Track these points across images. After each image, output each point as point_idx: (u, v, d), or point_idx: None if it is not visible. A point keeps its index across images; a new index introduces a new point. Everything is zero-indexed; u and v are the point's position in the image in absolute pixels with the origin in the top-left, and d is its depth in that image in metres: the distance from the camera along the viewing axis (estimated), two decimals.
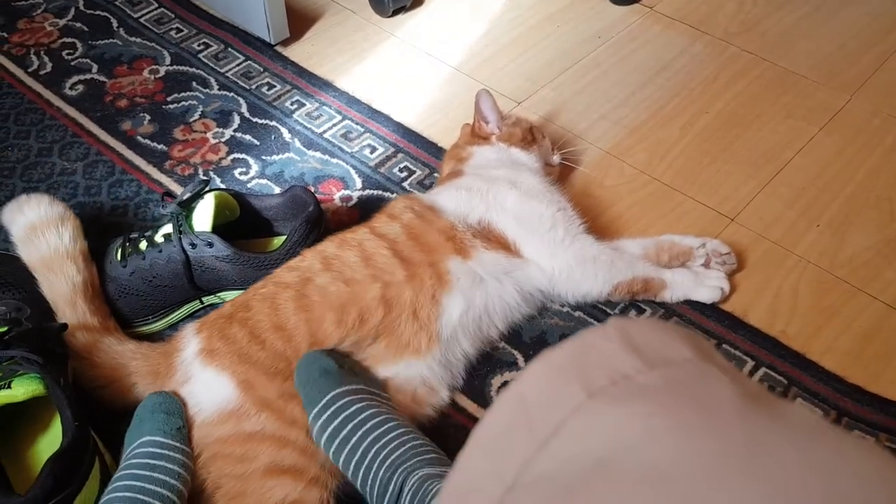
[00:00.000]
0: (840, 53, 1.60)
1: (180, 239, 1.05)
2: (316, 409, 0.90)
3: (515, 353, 1.10)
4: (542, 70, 1.56)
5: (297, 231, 1.07)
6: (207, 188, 1.08)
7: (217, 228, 1.07)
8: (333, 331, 0.97)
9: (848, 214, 1.28)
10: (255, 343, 0.96)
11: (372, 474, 0.85)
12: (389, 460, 0.85)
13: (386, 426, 0.88)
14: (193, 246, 1.05)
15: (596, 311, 1.15)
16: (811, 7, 1.71)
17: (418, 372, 1.00)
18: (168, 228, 1.08)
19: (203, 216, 1.06)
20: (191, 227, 1.05)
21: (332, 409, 0.89)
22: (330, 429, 0.89)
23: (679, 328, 0.46)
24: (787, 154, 1.39)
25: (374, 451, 0.86)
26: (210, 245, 1.04)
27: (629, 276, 1.11)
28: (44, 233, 1.05)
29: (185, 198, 1.06)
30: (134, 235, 1.10)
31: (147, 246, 1.07)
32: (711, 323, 1.13)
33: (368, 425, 0.88)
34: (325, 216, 1.14)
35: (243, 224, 1.14)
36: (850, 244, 1.24)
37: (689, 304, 1.15)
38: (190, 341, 0.98)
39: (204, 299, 1.11)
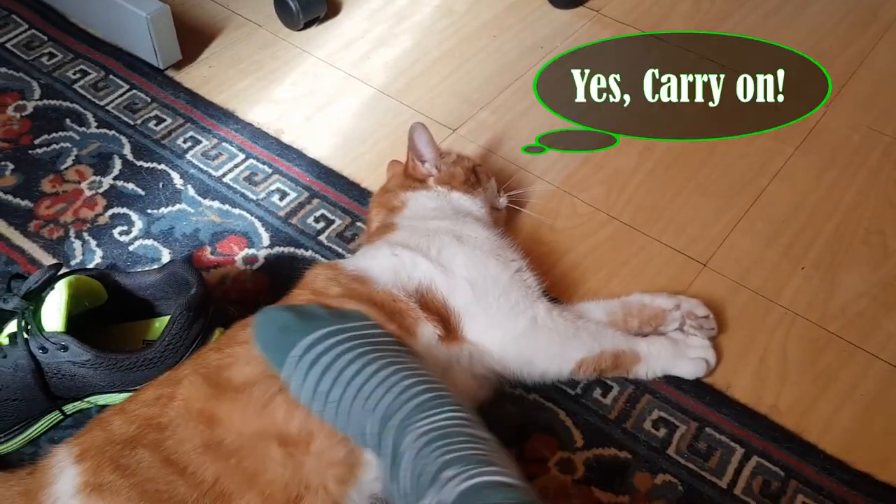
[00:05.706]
0: (810, 56, 1.43)
1: (27, 342, 0.82)
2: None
3: None
4: (479, 89, 1.36)
5: (177, 321, 0.86)
6: (59, 272, 0.86)
7: (82, 315, 0.86)
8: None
9: (836, 253, 1.11)
10: (174, 472, 0.73)
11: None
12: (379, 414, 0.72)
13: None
14: (44, 350, 0.82)
15: (554, 393, 0.95)
16: (776, 2, 1.53)
17: None
18: (14, 326, 0.85)
19: (53, 310, 0.83)
20: (39, 326, 0.83)
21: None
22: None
23: None
24: (760, 181, 1.21)
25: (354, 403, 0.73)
26: (64, 349, 0.82)
27: (596, 351, 0.92)
28: None
29: (30, 289, 0.84)
30: None
31: None
32: (690, 400, 0.95)
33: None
34: (213, 294, 0.92)
35: (120, 304, 0.92)
36: (841, 289, 1.07)
37: (664, 378, 0.96)
38: (63, 473, 0.74)
39: (67, 408, 0.89)
